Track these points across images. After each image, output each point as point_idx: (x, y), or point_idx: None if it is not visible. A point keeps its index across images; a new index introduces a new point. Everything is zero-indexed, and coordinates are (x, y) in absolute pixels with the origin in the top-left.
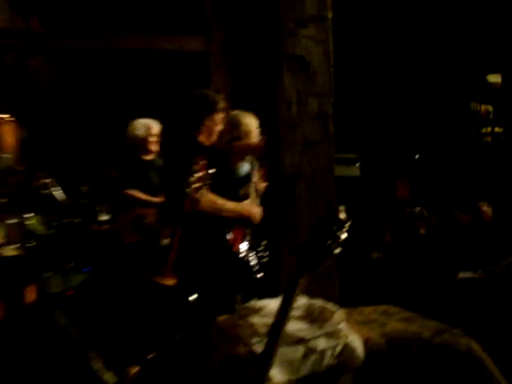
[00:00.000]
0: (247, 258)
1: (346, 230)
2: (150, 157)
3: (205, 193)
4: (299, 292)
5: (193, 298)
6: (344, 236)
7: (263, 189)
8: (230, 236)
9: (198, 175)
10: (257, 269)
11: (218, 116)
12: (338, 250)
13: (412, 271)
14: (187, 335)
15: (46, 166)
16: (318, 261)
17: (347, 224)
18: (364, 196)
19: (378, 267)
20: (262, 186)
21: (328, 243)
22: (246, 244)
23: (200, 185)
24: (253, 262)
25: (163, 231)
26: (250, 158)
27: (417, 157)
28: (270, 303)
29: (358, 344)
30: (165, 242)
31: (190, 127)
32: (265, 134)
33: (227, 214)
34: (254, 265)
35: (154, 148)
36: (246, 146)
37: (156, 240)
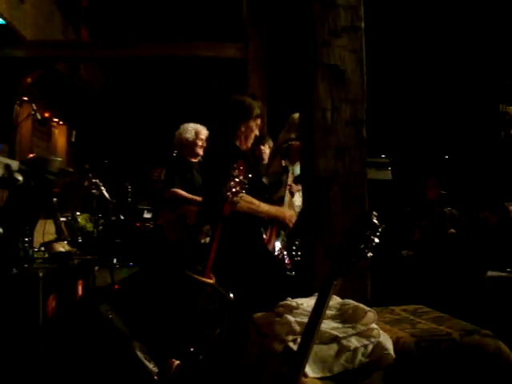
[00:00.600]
0: (281, 257)
1: (379, 234)
2: (196, 159)
3: (243, 196)
4: (333, 293)
5: (231, 295)
6: (376, 240)
7: (297, 191)
8: (265, 235)
9: (237, 180)
10: (290, 267)
11: (254, 122)
12: (370, 254)
13: (441, 270)
14: (225, 331)
15: (94, 167)
16: (351, 264)
17: (380, 229)
18: (396, 198)
19: (408, 265)
20: (295, 189)
21: (361, 247)
22: (279, 243)
23: (239, 189)
24: (286, 261)
25: (203, 230)
26: (285, 162)
27: (446, 158)
28: (304, 302)
29: (388, 343)
30: (205, 241)
31: (227, 132)
32: (300, 139)
33: (262, 215)
34: (287, 263)
35: (201, 151)
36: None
37: (196, 238)
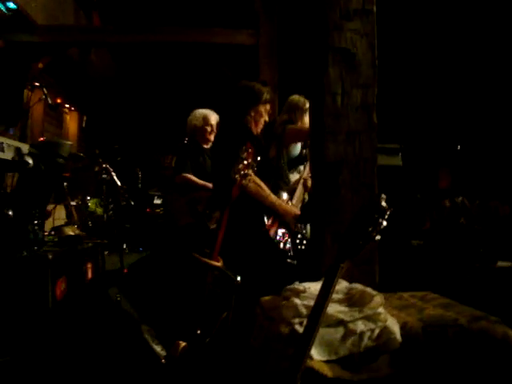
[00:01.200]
0: (283, 244)
1: (387, 217)
2: (207, 145)
3: (252, 178)
4: (340, 276)
5: (238, 278)
6: (385, 223)
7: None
8: (267, 222)
9: (246, 162)
10: (291, 255)
11: (264, 107)
12: (378, 237)
13: (451, 259)
14: (232, 314)
15: (105, 152)
16: (359, 246)
17: (388, 212)
18: (405, 185)
19: (418, 254)
20: (310, 183)
21: (369, 230)
22: (283, 231)
23: (247, 171)
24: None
25: (213, 216)
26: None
27: (458, 147)
28: (311, 286)
29: (395, 328)
30: (213, 226)
31: (237, 117)
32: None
33: (266, 204)
34: (288, 250)
35: (211, 137)
36: (298, 129)
37: (205, 224)
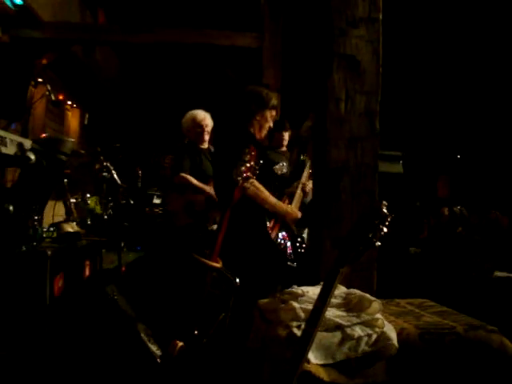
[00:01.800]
0: (283, 247)
1: (387, 223)
2: (204, 146)
3: (253, 182)
4: (339, 281)
5: (237, 280)
6: (385, 229)
7: (310, 190)
8: (269, 223)
9: (248, 165)
10: (292, 258)
11: (270, 112)
12: (378, 243)
13: (448, 268)
14: (230, 315)
15: (106, 150)
16: (359, 252)
17: (389, 218)
18: (406, 192)
19: (415, 262)
20: (309, 187)
21: (370, 236)
22: (283, 233)
23: (249, 174)
24: (289, 251)
25: (211, 216)
26: (303, 157)
27: (458, 156)
28: (310, 290)
29: (392, 334)
30: (212, 227)
31: (242, 120)
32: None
33: (266, 207)
34: (289, 253)
35: (206, 137)
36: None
37: (204, 224)
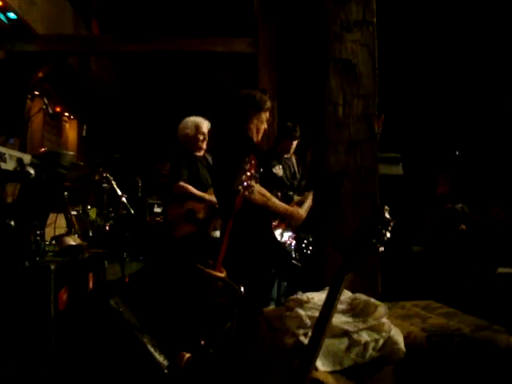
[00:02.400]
0: (287, 246)
1: (390, 228)
2: (200, 153)
3: (257, 188)
4: (344, 287)
5: (242, 289)
6: (388, 235)
7: None
8: (274, 222)
9: (249, 173)
10: (297, 258)
11: (265, 115)
12: (382, 248)
13: (451, 266)
14: (236, 325)
15: (105, 161)
16: (363, 258)
17: (392, 223)
18: (407, 194)
19: (419, 261)
20: None
21: (373, 241)
22: (289, 234)
23: (250, 183)
24: (293, 252)
25: (211, 224)
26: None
27: (457, 153)
28: (315, 296)
29: (399, 338)
30: (214, 234)
31: (239, 125)
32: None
33: (271, 210)
34: (294, 254)
35: (204, 145)
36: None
37: (206, 232)
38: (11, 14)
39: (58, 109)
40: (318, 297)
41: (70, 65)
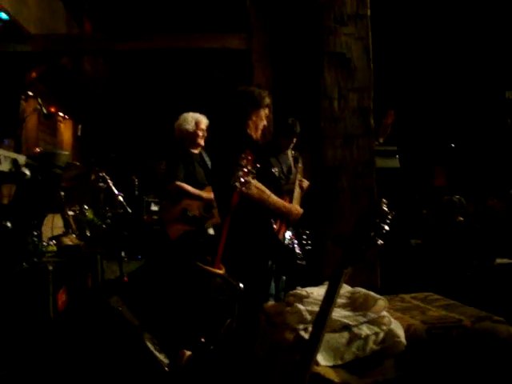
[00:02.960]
0: (291, 246)
1: (388, 222)
2: (196, 151)
3: (254, 183)
4: (343, 281)
5: (241, 285)
6: (386, 228)
7: (307, 186)
8: (275, 225)
9: (246, 170)
10: (301, 256)
11: (264, 111)
12: (380, 242)
13: (449, 258)
14: (236, 321)
15: (100, 160)
16: (362, 252)
17: (390, 216)
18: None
19: (417, 254)
20: (306, 184)
21: (372, 235)
22: (290, 233)
23: (247, 179)
24: (297, 250)
25: (207, 221)
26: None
27: (452, 146)
28: (314, 291)
29: (399, 331)
30: (211, 231)
31: (238, 122)
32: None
33: (269, 206)
34: (297, 252)
35: (202, 142)
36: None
37: (202, 230)
38: (3, 15)
39: (53, 109)
40: (318, 291)
41: (63, 65)
